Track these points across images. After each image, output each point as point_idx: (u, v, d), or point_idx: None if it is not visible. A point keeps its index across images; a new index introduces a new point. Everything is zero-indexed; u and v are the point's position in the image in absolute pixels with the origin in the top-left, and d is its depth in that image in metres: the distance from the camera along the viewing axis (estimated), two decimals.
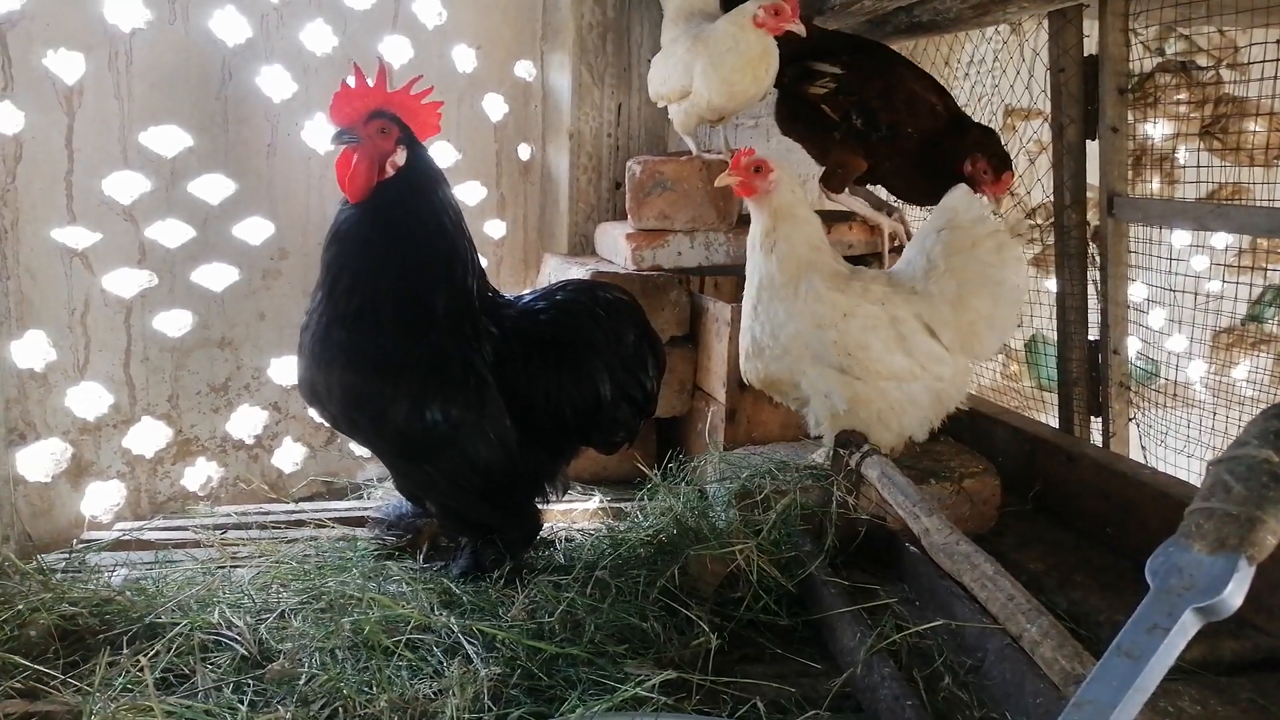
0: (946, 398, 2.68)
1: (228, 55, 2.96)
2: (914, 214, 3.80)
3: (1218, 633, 2.05)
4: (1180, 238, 3.89)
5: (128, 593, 2.14)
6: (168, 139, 2.88)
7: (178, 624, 1.98)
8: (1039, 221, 4.39)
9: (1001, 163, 3.10)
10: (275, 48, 3.04)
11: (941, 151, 3.16)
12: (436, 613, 2.08)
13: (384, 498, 3.00)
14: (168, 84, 2.85)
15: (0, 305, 2.61)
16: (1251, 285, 4.29)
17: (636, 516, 2.60)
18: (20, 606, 2.02)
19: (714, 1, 3.38)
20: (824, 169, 3.36)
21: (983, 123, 3.39)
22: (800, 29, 2.98)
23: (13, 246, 2.63)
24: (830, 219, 3.43)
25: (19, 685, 1.81)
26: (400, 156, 2.23)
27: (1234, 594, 1.29)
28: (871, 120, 3.16)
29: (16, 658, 1.86)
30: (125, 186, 2.82)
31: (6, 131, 2.60)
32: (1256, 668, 2.08)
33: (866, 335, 2.56)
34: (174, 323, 2.97)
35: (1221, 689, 1.97)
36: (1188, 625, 1.28)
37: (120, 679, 1.81)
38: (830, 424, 2.63)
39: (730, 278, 3.30)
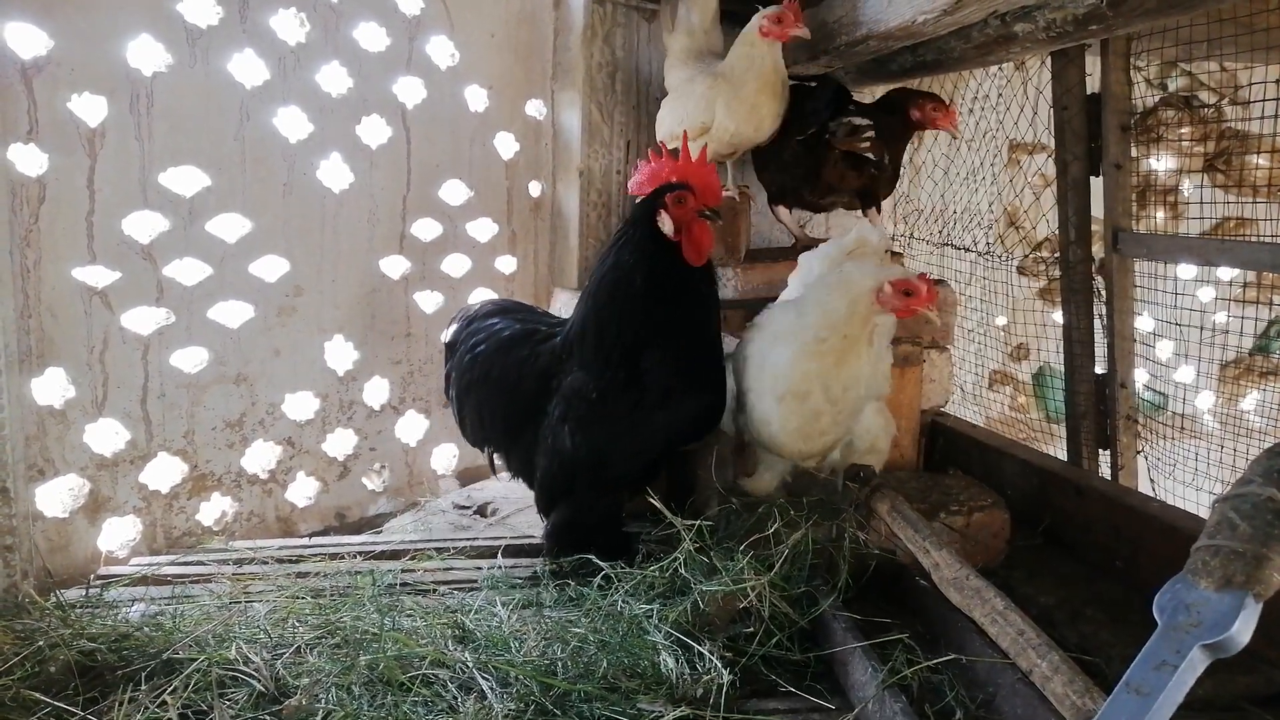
0: None
1: (245, 97, 3.02)
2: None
3: (1230, 667, 2.05)
4: (1186, 270, 3.91)
5: (145, 628, 2.16)
6: (186, 179, 2.94)
7: (195, 660, 1.99)
8: (1045, 255, 4.43)
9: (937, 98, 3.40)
10: (292, 89, 3.11)
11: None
12: (451, 648, 2.09)
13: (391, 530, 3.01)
14: (187, 125, 2.92)
15: (22, 343, 2.65)
16: (1258, 319, 4.31)
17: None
18: (41, 643, 2.04)
19: (720, 41, 3.44)
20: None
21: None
22: (805, 34, 3.05)
23: (35, 286, 2.68)
24: None
25: None
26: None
27: (1241, 631, 1.30)
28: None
29: (38, 694, 1.88)
30: (144, 226, 2.88)
31: (30, 173, 2.66)
32: (1271, 702, 2.08)
33: (889, 358, 2.62)
34: (190, 359, 3.02)
35: None
36: (1196, 662, 1.29)
37: (140, 715, 1.82)
38: (867, 455, 2.63)
39: (738, 311, 3.31)
